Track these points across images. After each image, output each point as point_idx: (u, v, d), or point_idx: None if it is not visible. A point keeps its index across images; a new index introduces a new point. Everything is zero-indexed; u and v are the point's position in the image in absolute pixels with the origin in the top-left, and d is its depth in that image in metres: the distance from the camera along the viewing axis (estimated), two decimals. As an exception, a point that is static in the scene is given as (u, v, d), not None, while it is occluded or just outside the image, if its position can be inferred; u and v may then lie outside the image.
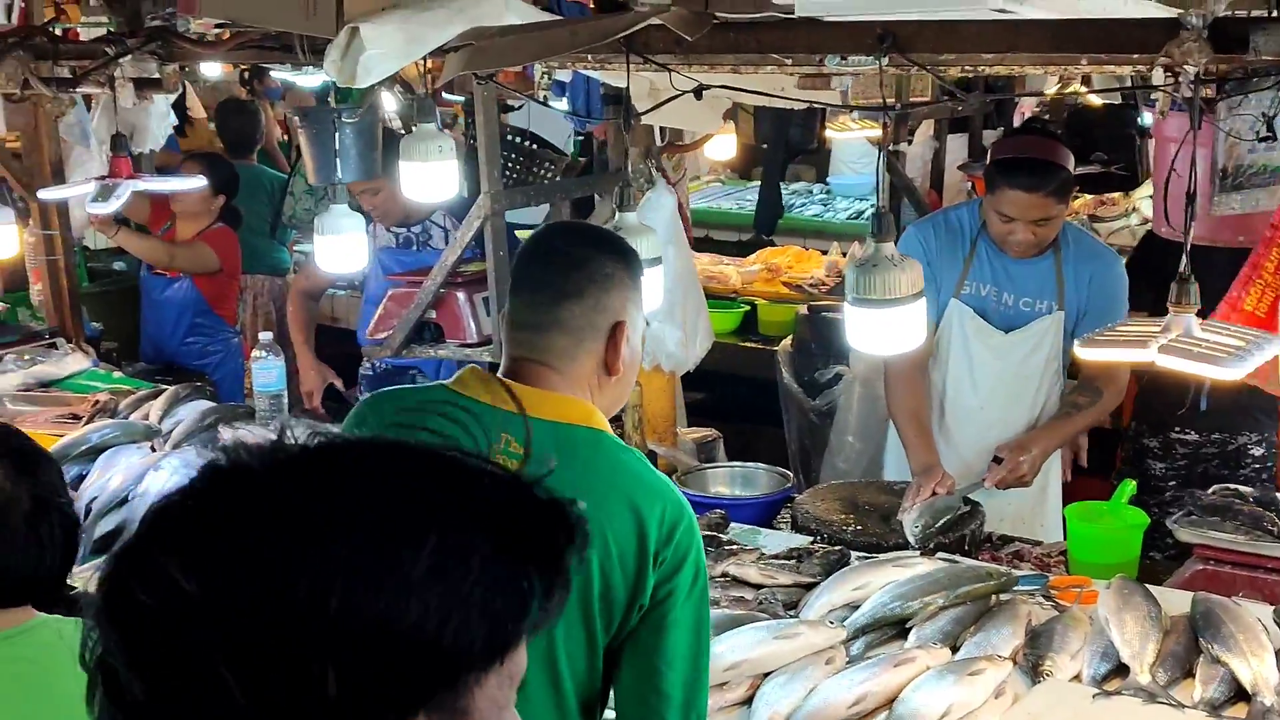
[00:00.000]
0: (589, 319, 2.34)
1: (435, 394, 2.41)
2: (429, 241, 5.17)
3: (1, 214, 4.86)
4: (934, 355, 4.18)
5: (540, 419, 2.30)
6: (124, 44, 4.23)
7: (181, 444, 4.42)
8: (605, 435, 2.34)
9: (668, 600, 2.26)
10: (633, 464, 2.32)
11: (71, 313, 5.69)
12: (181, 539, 0.96)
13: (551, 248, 2.44)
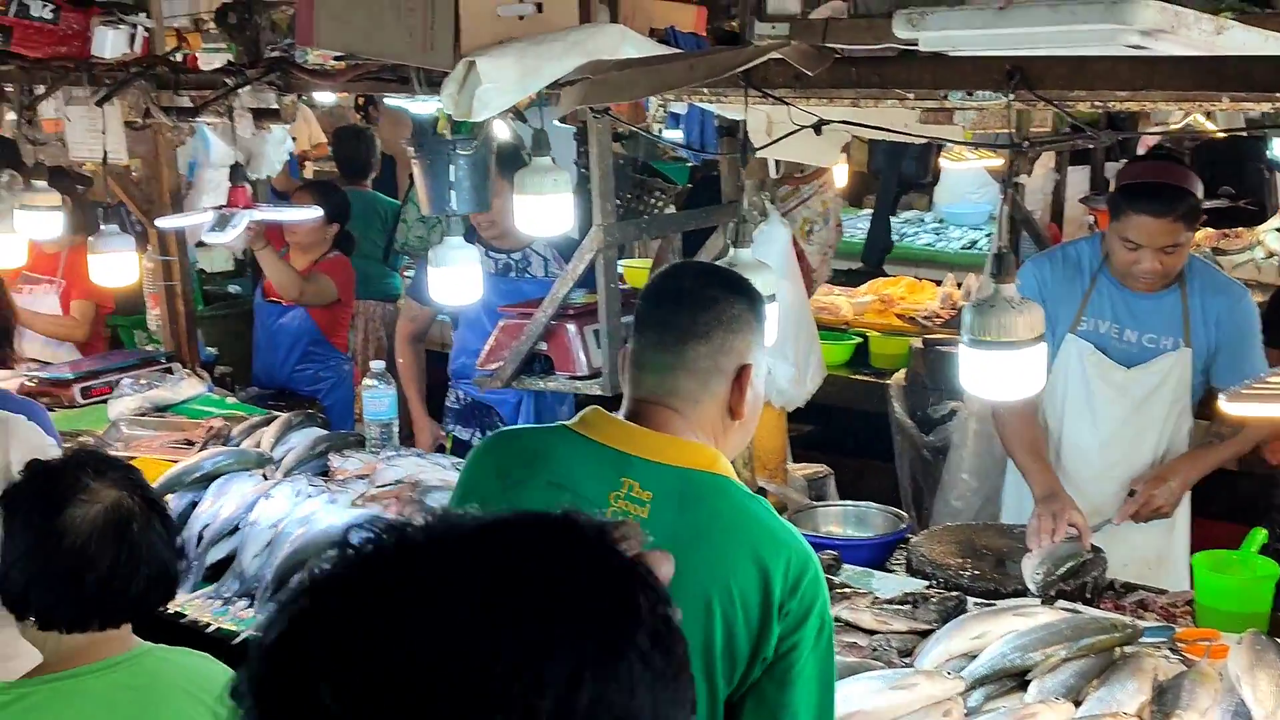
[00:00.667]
0: (715, 362, 2.29)
1: (557, 435, 2.37)
2: (528, 269, 5.16)
3: (121, 240, 4.92)
4: (1049, 393, 4.06)
5: (664, 464, 2.25)
6: (243, 74, 4.28)
7: (292, 472, 4.44)
8: (730, 482, 2.29)
9: (792, 653, 2.20)
10: (758, 512, 2.27)
11: (187, 338, 5.77)
12: (345, 647, 0.88)
13: (679, 288, 2.39)
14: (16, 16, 4.73)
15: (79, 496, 2.43)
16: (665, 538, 2.18)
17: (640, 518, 2.22)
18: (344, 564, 0.93)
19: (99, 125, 4.72)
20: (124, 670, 2.44)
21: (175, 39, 6.19)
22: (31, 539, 2.43)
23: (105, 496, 2.44)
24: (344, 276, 6.09)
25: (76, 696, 2.40)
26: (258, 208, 4.59)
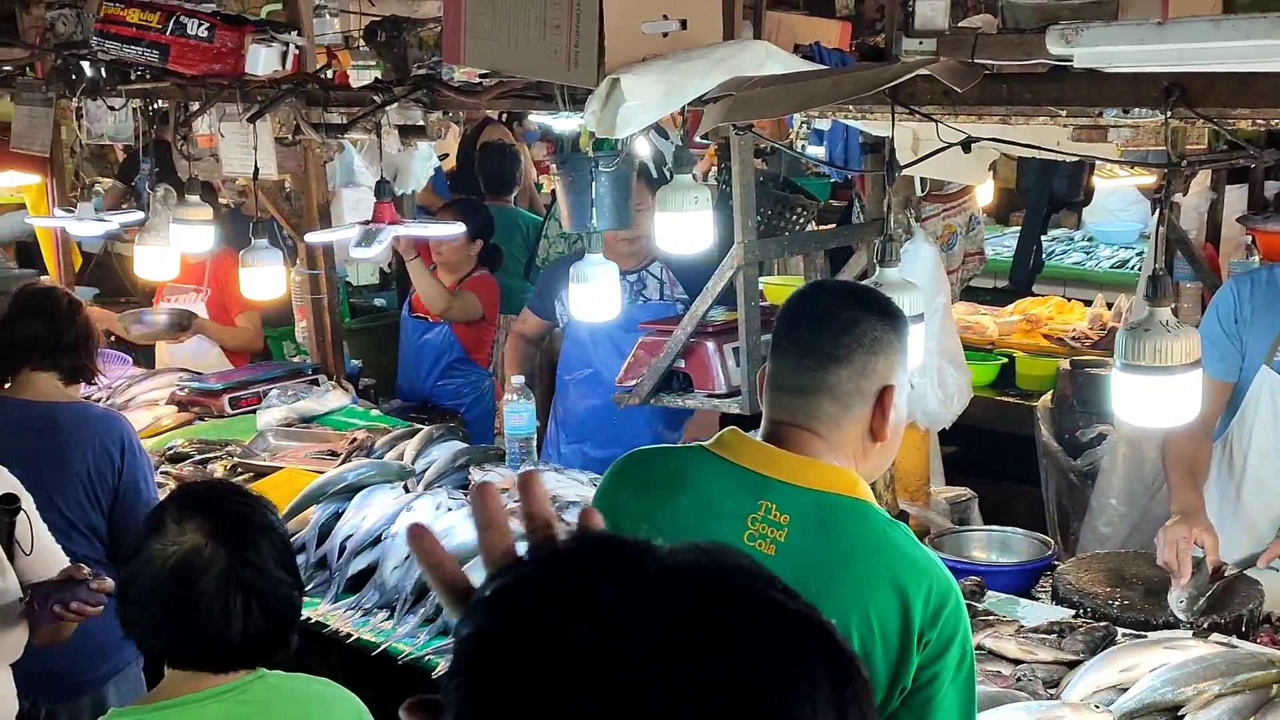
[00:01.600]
0: (857, 384, 2.24)
1: (696, 456, 2.34)
2: (643, 290, 5.15)
3: (271, 254, 5.02)
4: (1237, 425, 3.90)
5: (803, 487, 2.21)
6: (391, 92, 4.33)
7: (433, 485, 4.48)
8: (870, 508, 2.24)
9: (932, 684, 2.14)
10: (899, 539, 2.22)
11: (333, 350, 5.86)
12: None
13: (818, 309, 2.33)
14: (173, 35, 4.84)
15: (162, 535, 2.43)
16: (802, 563, 2.16)
17: (777, 541, 2.18)
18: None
19: (251, 141, 4.81)
20: (232, 700, 2.44)
21: (326, 57, 6.29)
22: (133, 567, 2.47)
23: (183, 542, 2.42)
24: (489, 294, 6.13)
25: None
26: (403, 223, 4.64)
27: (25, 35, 6.73)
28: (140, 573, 2.43)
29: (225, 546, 2.41)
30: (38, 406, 3.88)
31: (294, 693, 2.50)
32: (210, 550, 2.40)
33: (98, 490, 3.81)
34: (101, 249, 8.28)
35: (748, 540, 2.18)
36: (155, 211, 5.38)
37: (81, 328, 3.97)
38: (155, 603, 2.42)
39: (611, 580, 0.88)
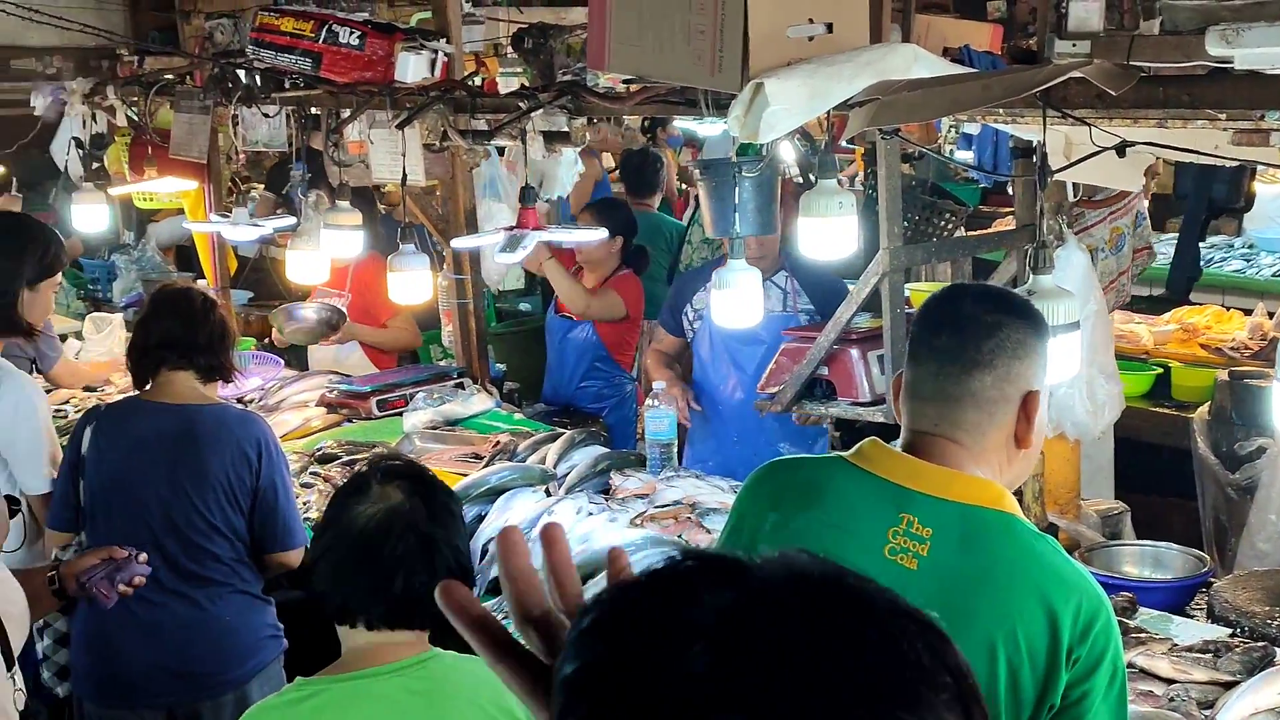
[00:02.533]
0: (1001, 390, 2.19)
1: (834, 468, 2.31)
2: (764, 301, 5.10)
3: (418, 259, 5.08)
4: None
5: (946, 499, 2.16)
6: (536, 98, 4.35)
7: (574, 489, 4.50)
8: (1016, 520, 2.18)
9: (1082, 702, 2.08)
10: (1046, 552, 2.16)
11: (479, 354, 5.92)
12: None
13: (959, 313, 2.28)
14: (325, 43, 4.94)
15: (364, 496, 2.56)
16: (945, 578, 2.11)
17: (919, 555, 2.14)
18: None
19: (399, 148, 4.88)
20: (412, 675, 2.51)
21: (473, 64, 6.35)
22: (329, 534, 2.59)
23: (387, 498, 2.54)
24: (633, 293, 6.14)
25: (366, 698, 2.48)
26: (547, 229, 4.66)
27: (185, 45, 6.94)
28: (341, 532, 2.55)
29: (424, 506, 2.56)
30: (176, 410, 3.92)
31: (467, 673, 2.54)
32: (410, 509, 2.53)
33: (236, 492, 3.87)
34: (256, 253, 8.47)
35: (888, 554, 2.14)
36: (307, 217, 5.49)
37: (216, 326, 3.99)
38: (355, 559, 2.52)
39: (716, 595, 0.86)
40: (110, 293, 8.25)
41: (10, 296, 4.19)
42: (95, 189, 6.75)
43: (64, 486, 3.98)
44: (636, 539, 3.97)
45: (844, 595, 0.88)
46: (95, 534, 3.91)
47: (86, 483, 3.92)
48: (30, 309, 4.25)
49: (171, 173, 6.72)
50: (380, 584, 2.50)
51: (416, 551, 2.51)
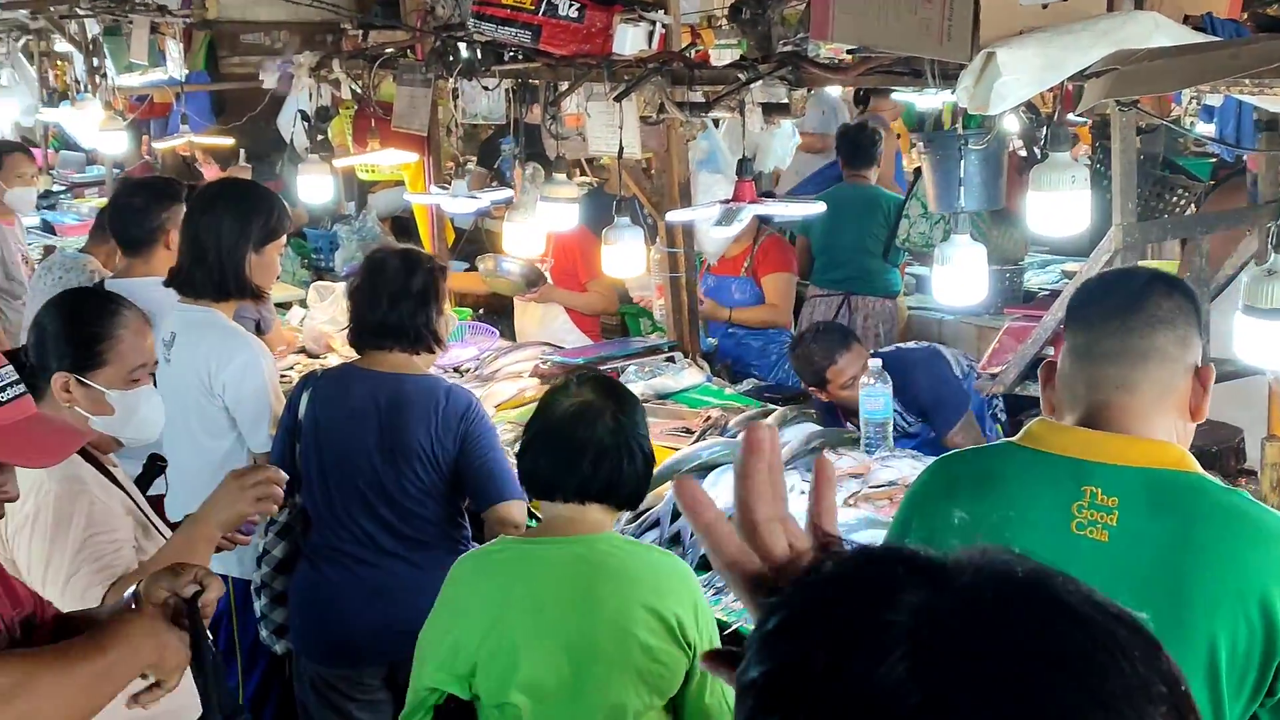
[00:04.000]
0: (1180, 351, 2.15)
1: (1006, 453, 2.23)
2: None
3: (632, 232, 5.07)
4: None
5: (1128, 466, 2.08)
6: (756, 69, 4.29)
7: (786, 466, 4.44)
8: (1204, 478, 2.08)
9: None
10: (1242, 505, 2.05)
11: (690, 328, 5.89)
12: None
13: (1130, 279, 2.28)
14: (545, 16, 4.95)
15: (565, 393, 3.08)
16: (1142, 545, 2.01)
17: (1109, 526, 2.06)
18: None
19: (616, 120, 4.87)
20: (584, 545, 2.95)
21: (689, 35, 6.32)
22: (536, 422, 3.09)
23: (583, 395, 3.04)
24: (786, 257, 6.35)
25: (538, 559, 2.97)
26: (763, 202, 4.60)
27: (407, 19, 7.05)
28: (545, 420, 3.06)
29: (614, 405, 3.03)
30: (385, 379, 3.99)
31: (635, 562, 2.98)
32: (601, 404, 3.01)
33: (440, 460, 3.91)
34: (472, 225, 8.59)
35: (1076, 530, 2.07)
36: (524, 190, 5.53)
37: (411, 300, 4.02)
38: (554, 441, 3.00)
39: (912, 595, 0.81)
40: (333, 262, 8.46)
41: (238, 259, 4.28)
42: (320, 161, 6.92)
43: (280, 449, 4.09)
44: (851, 519, 3.91)
45: (1051, 599, 0.82)
46: (311, 497, 4.01)
47: (303, 447, 4.03)
48: (257, 272, 4.34)
49: (393, 145, 6.86)
50: (573, 462, 2.95)
51: (605, 438, 2.96)
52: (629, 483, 3.01)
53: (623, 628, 2.85)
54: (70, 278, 5.85)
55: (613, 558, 2.94)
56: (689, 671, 2.91)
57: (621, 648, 2.86)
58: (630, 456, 2.99)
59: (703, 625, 2.94)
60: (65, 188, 12.12)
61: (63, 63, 11.96)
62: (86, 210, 10.97)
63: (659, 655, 2.87)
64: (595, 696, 2.85)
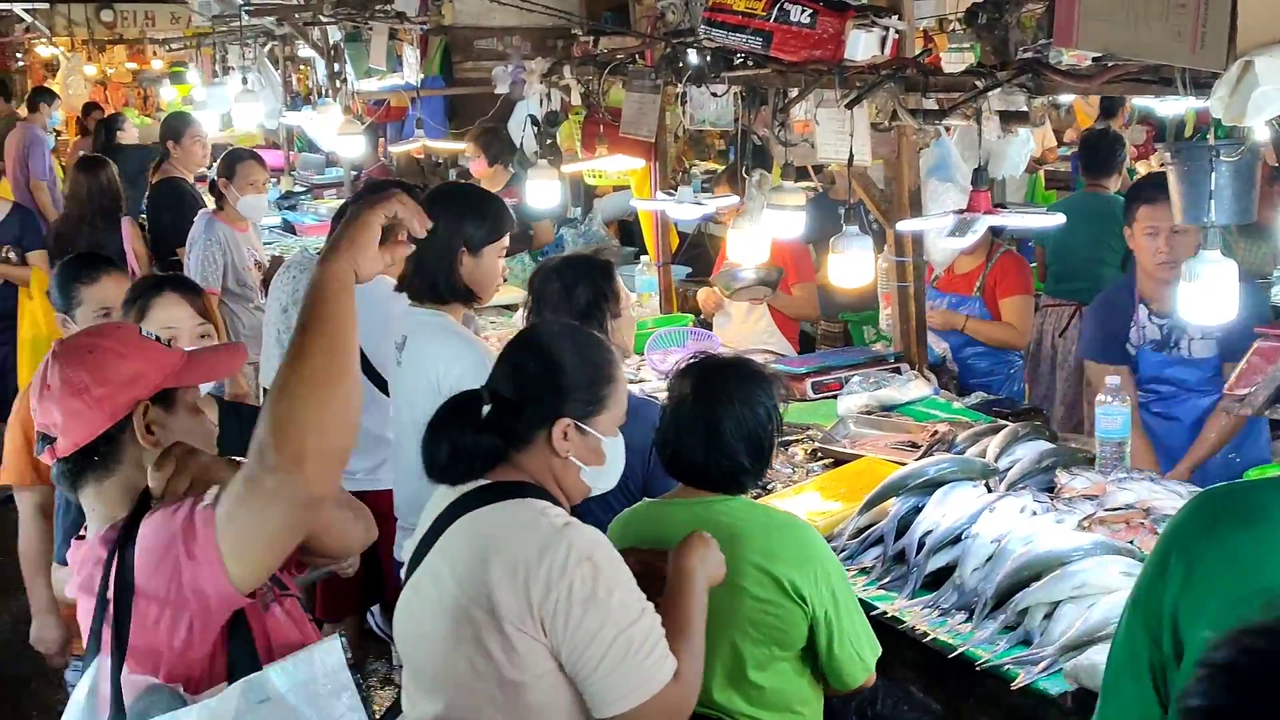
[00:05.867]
0: None
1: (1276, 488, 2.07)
2: None
3: (861, 241, 4.98)
4: None
5: None
6: (994, 77, 4.18)
7: (1016, 485, 4.31)
8: None
9: None
10: None
11: (917, 339, 5.78)
12: None
13: None
14: (777, 22, 4.90)
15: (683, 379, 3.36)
16: None
17: None
18: None
19: (847, 127, 4.80)
20: (702, 506, 3.24)
21: (922, 40, 6.21)
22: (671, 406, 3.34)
23: (681, 385, 3.36)
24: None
25: (665, 518, 3.27)
26: (998, 213, 4.47)
27: (637, 25, 7.09)
28: (676, 404, 3.32)
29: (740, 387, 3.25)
30: None
31: (747, 517, 3.23)
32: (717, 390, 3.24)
33: (627, 479, 3.85)
34: (695, 229, 8.60)
35: None
36: (750, 196, 5.49)
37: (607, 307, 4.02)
38: (686, 426, 3.27)
39: None
40: (559, 265, 8.55)
41: (450, 262, 4.25)
42: (549, 165, 7.01)
43: None
44: (1085, 543, 3.76)
45: None
46: None
47: None
48: (473, 275, 4.29)
49: (620, 150, 6.90)
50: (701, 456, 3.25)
51: (729, 422, 3.22)
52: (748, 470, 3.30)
53: (730, 581, 3.05)
54: (304, 277, 6.03)
55: (726, 517, 3.18)
56: (813, 627, 3.18)
57: (731, 598, 3.11)
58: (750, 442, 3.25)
59: (822, 584, 3.18)
60: (305, 189, 12.56)
61: (305, 67, 12.42)
62: (325, 211, 11.34)
63: (770, 609, 3.16)
64: (710, 642, 2.96)
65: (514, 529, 2.68)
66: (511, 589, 2.61)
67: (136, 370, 2.50)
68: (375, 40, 9.00)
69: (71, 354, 2.50)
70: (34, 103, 14.66)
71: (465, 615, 2.67)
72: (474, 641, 2.66)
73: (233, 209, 7.29)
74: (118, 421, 2.47)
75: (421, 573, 2.83)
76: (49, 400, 2.46)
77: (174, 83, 16.98)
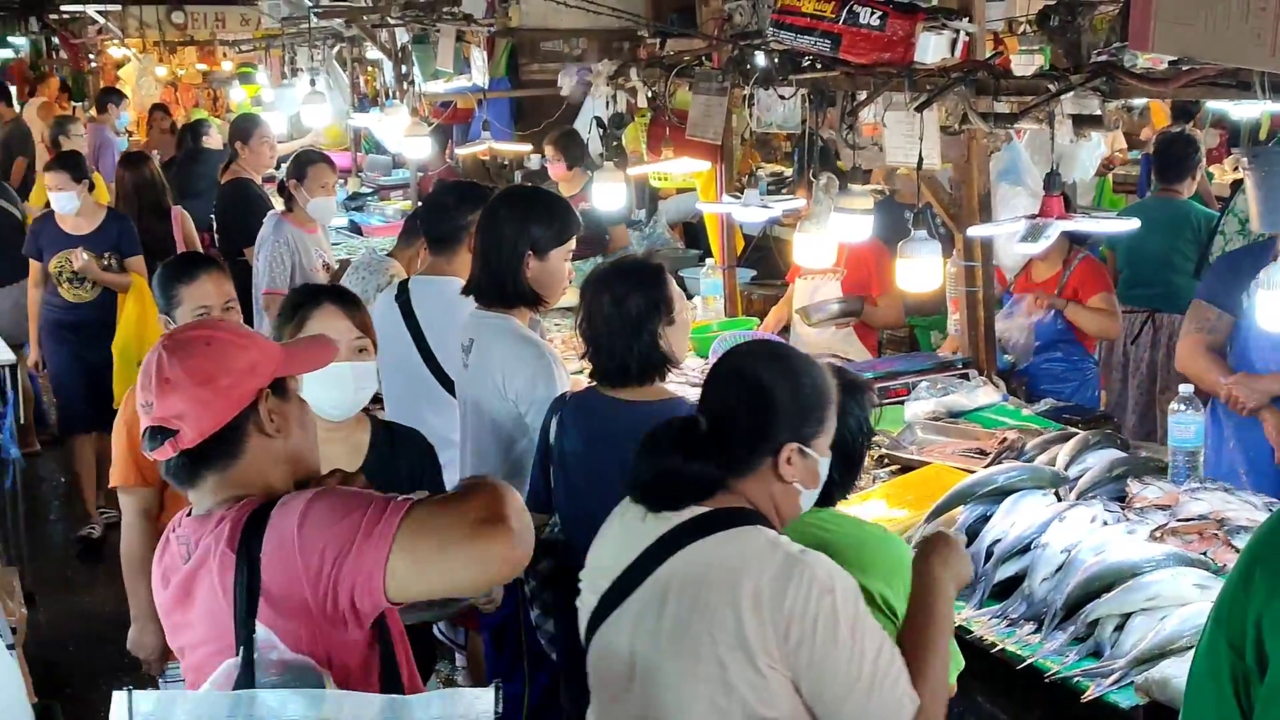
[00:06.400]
0: None
1: None
2: None
3: (929, 245, 4.93)
4: None
5: None
6: (1067, 80, 4.12)
7: (1087, 494, 4.25)
8: None
9: None
10: None
11: (985, 345, 5.72)
12: None
13: None
14: (846, 24, 4.86)
15: None
16: None
17: None
18: None
19: (916, 131, 4.75)
20: (816, 522, 2.94)
21: (992, 42, 6.15)
22: None
23: None
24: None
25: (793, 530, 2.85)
26: (1072, 218, 4.40)
27: (703, 27, 7.07)
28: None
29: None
30: (628, 406, 3.83)
31: (844, 525, 3.04)
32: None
33: None
34: (760, 232, 8.56)
35: None
36: (817, 200, 5.45)
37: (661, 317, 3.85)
38: None
39: None
40: (623, 267, 8.54)
41: (515, 265, 4.23)
42: (614, 168, 7.00)
43: (535, 471, 4.05)
44: (1157, 554, 3.70)
45: None
46: (564, 519, 3.98)
47: (555, 470, 3.97)
48: (539, 278, 4.27)
49: (686, 153, 6.87)
50: None
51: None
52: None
53: None
54: (371, 278, 6.06)
55: (817, 530, 2.93)
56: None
57: None
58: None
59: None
60: (372, 190, 12.63)
61: (372, 69, 12.50)
62: (392, 212, 11.40)
63: None
64: None
65: (752, 559, 2.60)
66: (758, 622, 2.53)
67: (253, 359, 2.54)
68: (443, 42, 9.04)
69: (189, 345, 2.53)
70: (102, 103, 14.86)
71: (708, 652, 2.57)
72: (718, 679, 2.56)
73: (302, 210, 7.30)
74: (242, 410, 2.51)
75: (635, 605, 2.73)
76: (171, 392, 2.47)
77: (243, 84, 17.15)
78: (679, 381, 5.25)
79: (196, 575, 2.48)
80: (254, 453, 2.53)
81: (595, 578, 2.87)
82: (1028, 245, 4.25)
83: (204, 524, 2.50)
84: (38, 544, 7.63)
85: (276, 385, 2.58)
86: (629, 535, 2.80)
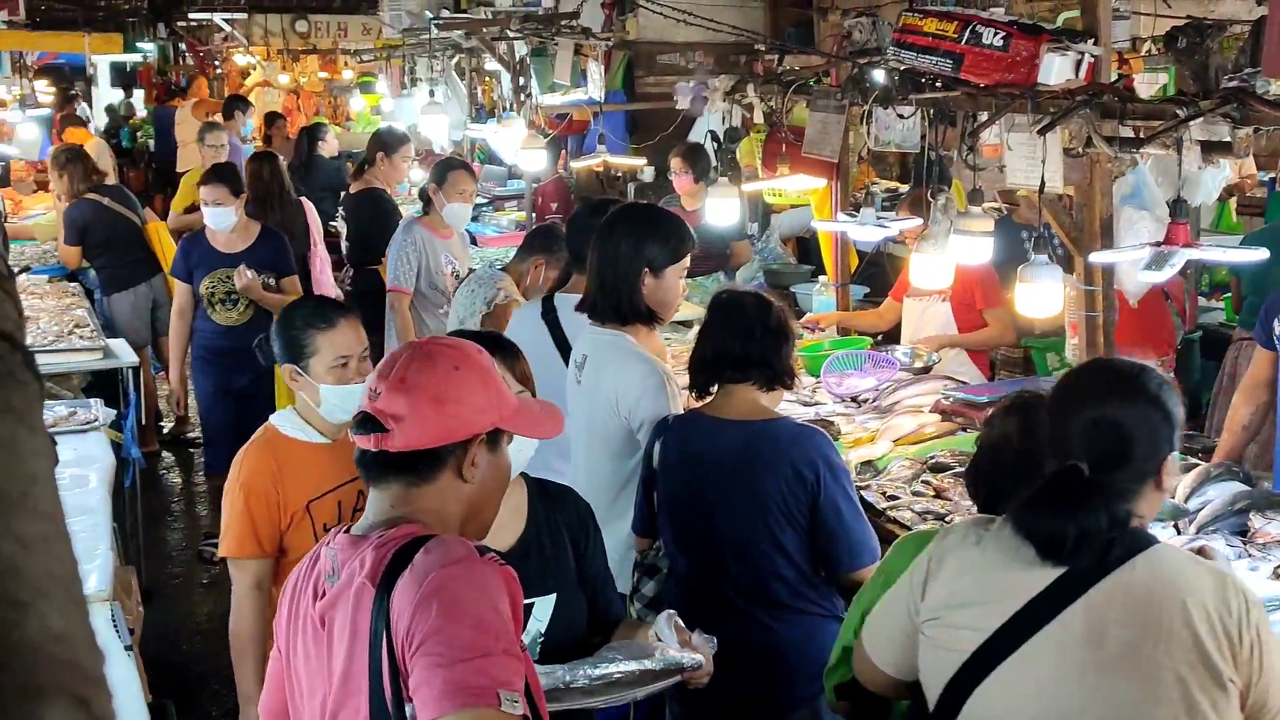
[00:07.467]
0: None
1: None
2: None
3: (1050, 271, 4.85)
4: None
5: None
6: (1197, 106, 4.03)
7: (1207, 527, 4.16)
8: None
9: None
10: None
11: (1102, 370, 5.62)
12: None
13: None
14: (968, 44, 4.82)
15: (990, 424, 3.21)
16: None
17: None
18: None
19: (1038, 153, 4.68)
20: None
21: (1116, 63, 6.04)
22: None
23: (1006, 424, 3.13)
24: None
25: None
26: (1198, 246, 4.31)
27: (820, 42, 7.06)
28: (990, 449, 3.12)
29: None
30: (733, 425, 3.83)
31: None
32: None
33: (793, 511, 3.75)
34: (874, 249, 8.50)
35: None
36: (935, 220, 5.40)
37: (774, 335, 3.84)
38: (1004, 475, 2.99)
39: None
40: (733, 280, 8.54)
41: (632, 283, 4.24)
42: (729, 183, 6.99)
43: (639, 494, 4.07)
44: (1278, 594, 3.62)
45: None
46: (667, 543, 4.00)
47: (659, 493, 3.98)
48: (654, 295, 4.27)
49: (802, 170, 6.85)
50: None
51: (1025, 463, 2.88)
52: None
53: None
54: (480, 291, 6.04)
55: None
56: None
57: None
58: None
59: None
60: (487, 200, 12.73)
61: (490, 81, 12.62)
62: (506, 223, 11.49)
63: None
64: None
65: (1187, 576, 2.57)
66: (1214, 641, 2.51)
67: (488, 402, 2.52)
68: (560, 55, 9.10)
69: (438, 360, 2.51)
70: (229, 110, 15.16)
71: (1172, 675, 2.52)
72: (1182, 702, 2.51)
73: (437, 215, 7.26)
74: (454, 443, 2.49)
75: (1049, 641, 2.62)
76: (403, 394, 2.46)
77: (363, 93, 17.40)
78: (790, 400, 5.23)
79: (336, 601, 2.44)
80: (443, 486, 2.50)
81: (959, 614, 2.72)
82: (1152, 274, 4.17)
83: (357, 546, 2.47)
84: (154, 543, 7.78)
85: (493, 435, 2.55)
86: (1001, 572, 2.69)
